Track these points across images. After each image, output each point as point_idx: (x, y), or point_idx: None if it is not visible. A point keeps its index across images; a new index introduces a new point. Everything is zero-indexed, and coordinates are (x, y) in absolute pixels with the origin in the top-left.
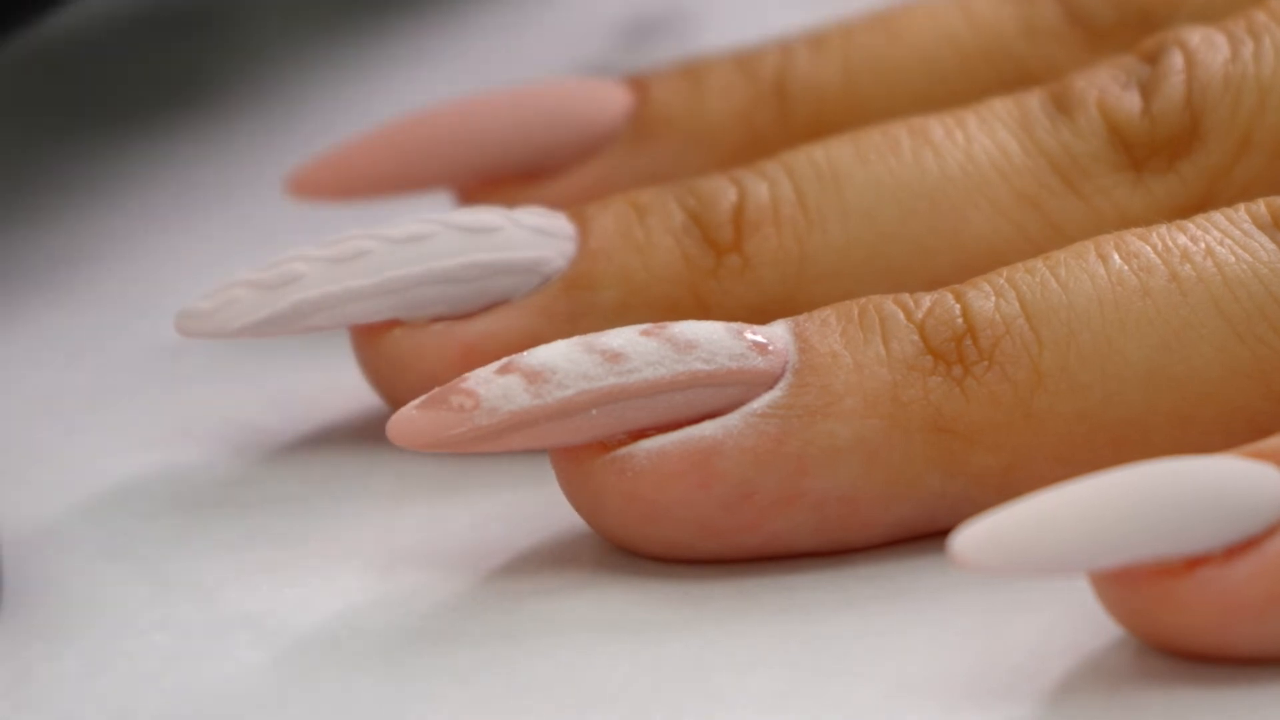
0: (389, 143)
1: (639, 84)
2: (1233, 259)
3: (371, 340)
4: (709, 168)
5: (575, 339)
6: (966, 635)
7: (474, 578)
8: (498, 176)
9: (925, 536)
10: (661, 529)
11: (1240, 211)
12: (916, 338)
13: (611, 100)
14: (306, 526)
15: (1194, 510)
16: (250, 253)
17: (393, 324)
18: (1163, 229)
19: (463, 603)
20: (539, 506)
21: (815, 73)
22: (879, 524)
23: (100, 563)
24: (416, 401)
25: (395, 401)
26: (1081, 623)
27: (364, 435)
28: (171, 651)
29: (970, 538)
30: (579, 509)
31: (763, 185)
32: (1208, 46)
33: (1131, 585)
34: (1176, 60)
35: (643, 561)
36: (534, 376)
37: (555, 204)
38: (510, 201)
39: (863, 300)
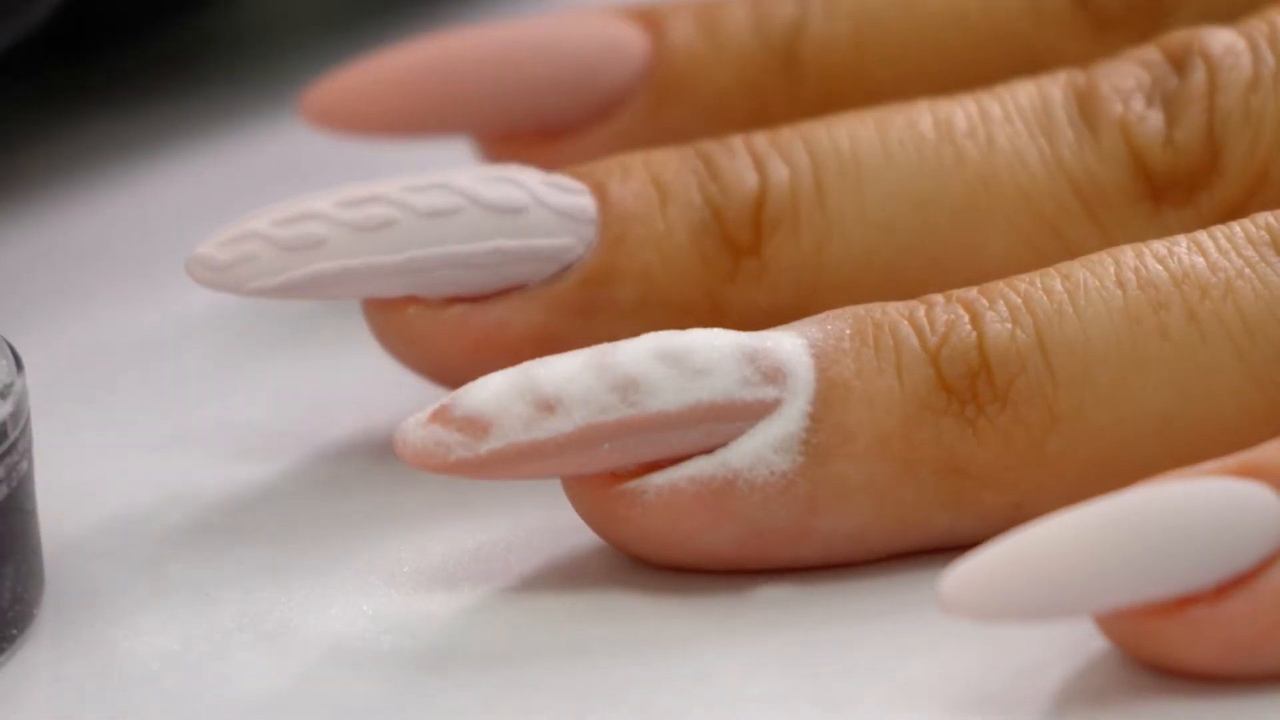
0: (410, 85)
1: (655, 27)
2: (1252, 297)
3: (386, 313)
4: (724, 129)
5: (589, 357)
6: (966, 641)
7: (475, 580)
8: (516, 131)
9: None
10: (672, 556)
11: (1261, 230)
12: (931, 372)
13: (628, 55)
14: (307, 528)
15: (1181, 549)
16: None
17: (409, 300)
18: (1182, 249)
19: (463, 604)
20: (542, 507)
21: (827, 40)
22: (885, 555)
23: (100, 563)
24: (423, 416)
25: (407, 366)
26: (1081, 627)
27: (366, 437)
28: (172, 653)
29: (959, 583)
30: (591, 526)
31: (784, 170)
32: (1231, 63)
33: (1125, 623)
34: (1199, 78)
35: (646, 566)
36: (545, 404)
37: (575, 160)
38: (528, 157)
39: (878, 315)
